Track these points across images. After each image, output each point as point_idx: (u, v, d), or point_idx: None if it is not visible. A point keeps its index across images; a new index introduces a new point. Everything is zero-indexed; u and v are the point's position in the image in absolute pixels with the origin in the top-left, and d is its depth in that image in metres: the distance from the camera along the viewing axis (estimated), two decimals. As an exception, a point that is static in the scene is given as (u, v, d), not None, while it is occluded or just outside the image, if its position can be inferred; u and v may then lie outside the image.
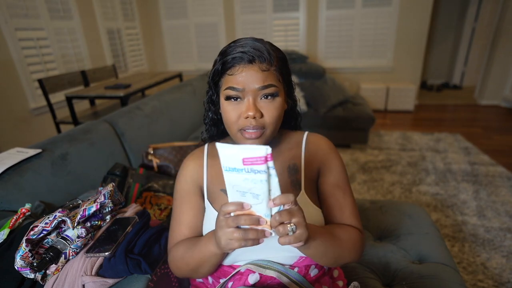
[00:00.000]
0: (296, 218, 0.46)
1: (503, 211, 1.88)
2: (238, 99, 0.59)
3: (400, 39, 3.96)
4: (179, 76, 3.11)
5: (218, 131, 0.70)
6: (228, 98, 0.59)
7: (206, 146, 0.73)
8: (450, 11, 5.26)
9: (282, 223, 0.46)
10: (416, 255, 0.98)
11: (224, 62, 0.58)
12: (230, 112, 0.59)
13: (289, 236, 0.46)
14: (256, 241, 0.47)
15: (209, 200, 0.68)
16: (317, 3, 3.98)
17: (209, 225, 0.66)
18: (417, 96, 4.29)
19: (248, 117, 0.57)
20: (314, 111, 2.94)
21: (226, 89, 0.58)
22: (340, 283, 0.72)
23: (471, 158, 2.61)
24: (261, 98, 0.58)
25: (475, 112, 3.98)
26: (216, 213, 0.65)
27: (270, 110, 0.59)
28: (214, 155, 0.71)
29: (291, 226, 0.46)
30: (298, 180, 0.66)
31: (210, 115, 0.68)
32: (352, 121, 2.83)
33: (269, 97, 0.58)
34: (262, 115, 0.59)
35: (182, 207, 0.69)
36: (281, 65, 0.61)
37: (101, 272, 0.65)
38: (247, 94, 0.57)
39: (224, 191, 0.67)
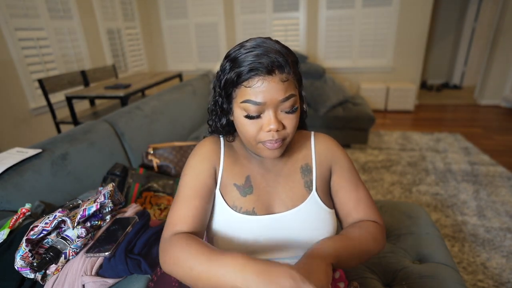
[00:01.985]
0: None
1: (503, 211, 1.88)
2: (259, 116, 0.56)
3: (400, 39, 3.96)
4: (179, 76, 3.12)
5: (231, 132, 0.69)
6: (248, 116, 0.56)
7: (221, 137, 0.71)
8: (450, 11, 5.26)
9: None
10: (416, 255, 0.98)
11: (240, 73, 0.54)
12: (249, 126, 0.57)
13: None
14: None
15: (221, 192, 0.64)
16: (317, 3, 3.98)
17: (216, 217, 0.64)
18: (417, 96, 4.29)
19: (270, 131, 0.56)
20: (314, 111, 2.94)
21: (244, 102, 0.55)
22: (341, 285, 0.72)
23: (471, 158, 2.61)
24: (281, 111, 0.57)
25: (475, 112, 3.98)
26: (227, 207, 0.63)
27: (292, 121, 0.58)
28: (229, 145, 0.70)
29: None
30: (311, 180, 0.66)
31: (224, 122, 0.64)
32: (352, 121, 2.83)
33: (290, 112, 0.57)
34: (283, 127, 0.57)
35: (194, 182, 0.62)
36: (296, 69, 0.58)
37: (101, 272, 0.66)
38: (268, 107, 0.55)
39: (237, 185, 0.65)
